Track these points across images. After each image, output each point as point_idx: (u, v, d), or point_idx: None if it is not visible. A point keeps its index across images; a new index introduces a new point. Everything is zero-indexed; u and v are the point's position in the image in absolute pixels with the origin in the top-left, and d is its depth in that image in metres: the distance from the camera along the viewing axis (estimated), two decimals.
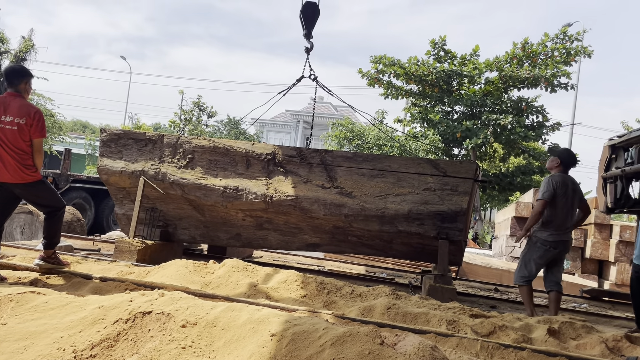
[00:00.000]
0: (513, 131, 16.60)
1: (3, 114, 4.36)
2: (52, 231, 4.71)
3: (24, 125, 4.37)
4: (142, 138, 6.78)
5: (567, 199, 5.14)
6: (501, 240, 12.59)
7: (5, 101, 4.41)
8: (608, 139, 7.31)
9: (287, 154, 6.31)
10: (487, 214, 32.63)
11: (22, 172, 4.41)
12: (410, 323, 3.83)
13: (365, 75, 18.15)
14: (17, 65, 4.83)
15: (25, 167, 4.43)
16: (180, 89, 28.72)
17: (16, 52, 22.39)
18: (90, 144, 35.08)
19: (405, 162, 6.09)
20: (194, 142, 6.58)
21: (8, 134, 4.35)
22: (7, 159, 4.36)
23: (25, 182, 4.46)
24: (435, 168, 5.91)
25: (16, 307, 3.23)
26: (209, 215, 6.70)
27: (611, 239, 9.88)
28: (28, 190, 4.54)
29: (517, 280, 5.30)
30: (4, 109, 4.37)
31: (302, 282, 4.92)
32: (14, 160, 4.37)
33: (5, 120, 4.35)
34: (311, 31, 6.47)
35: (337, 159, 6.19)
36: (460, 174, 5.86)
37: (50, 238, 4.70)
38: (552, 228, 5.12)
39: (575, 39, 16.83)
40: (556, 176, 5.20)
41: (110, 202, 11.95)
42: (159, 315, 3.09)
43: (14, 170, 4.38)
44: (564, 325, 3.96)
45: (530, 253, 5.22)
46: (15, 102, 4.42)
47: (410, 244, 6.19)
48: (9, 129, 4.35)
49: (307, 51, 6.66)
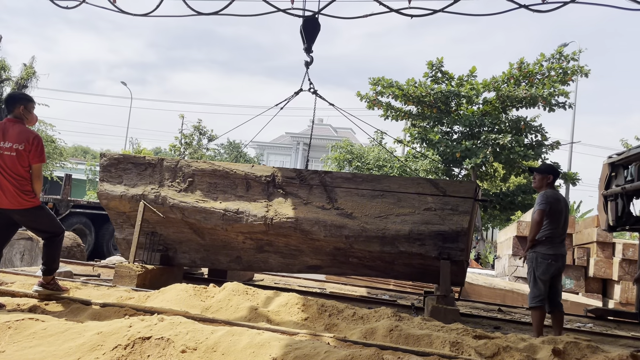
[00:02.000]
0: (512, 150, 16.65)
1: (2, 140, 4.38)
2: (50, 257, 4.68)
3: (22, 151, 4.39)
4: (142, 162, 6.80)
5: (561, 214, 5.22)
6: (504, 260, 12.52)
7: (5, 127, 4.44)
8: (607, 156, 7.34)
9: (286, 175, 6.32)
10: (489, 234, 32.52)
11: (21, 198, 4.41)
12: (413, 345, 3.78)
13: (364, 97, 18.29)
14: (15, 92, 4.89)
15: (24, 192, 4.43)
16: (181, 114, 28.92)
17: (18, 79, 22.60)
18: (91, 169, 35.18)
19: (405, 182, 6.09)
20: (193, 166, 6.59)
21: (7, 160, 4.37)
22: (5, 185, 4.37)
23: (24, 207, 4.45)
24: (435, 187, 5.91)
25: (14, 334, 3.20)
26: (209, 238, 6.68)
27: (614, 257, 9.82)
28: (26, 216, 4.54)
29: (531, 302, 5.19)
30: (3, 135, 4.39)
31: (303, 304, 4.88)
32: (13, 187, 4.37)
33: (4, 146, 4.37)
34: (311, 45, 6.53)
35: (336, 179, 6.20)
36: (460, 193, 5.86)
37: (49, 264, 4.67)
38: (550, 242, 5.15)
39: (572, 59, 16.99)
40: (549, 192, 5.28)
41: (110, 227, 11.92)
42: (159, 340, 3.06)
43: (12, 196, 4.38)
44: (568, 346, 3.91)
45: (534, 271, 5.18)
46: (14, 128, 4.44)
47: (411, 264, 6.15)
48: (7, 155, 4.37)
49: (306, 65, 6.70)
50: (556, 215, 5.16)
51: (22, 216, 4.52)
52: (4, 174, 4.36)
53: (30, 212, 4.51)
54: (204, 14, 5.52)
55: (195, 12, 5.48)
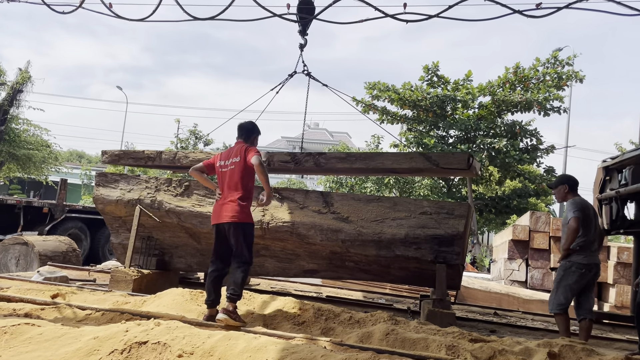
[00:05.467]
0: (508, 154, 16.69)
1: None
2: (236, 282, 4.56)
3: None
4: (141, 156, 6.89)
5: (592, 221, 5.09)
6: (499, 264, 12.54)
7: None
8: (602, 160, 7.37)
9: (281, 159, 6.29)
10: (484, 238, 32.58)
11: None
12: (409, 349, 3.79)
13: (360, 102, 18.33)
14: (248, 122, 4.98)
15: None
16: (177, 118, 28.90)
17: (13, 83, 22.55)
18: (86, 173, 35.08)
19: (398, 157, 5.99)
20: (190, 157, 6.63)
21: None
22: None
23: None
24: (427, 161, 5.77)
25: (10, 339, 3.19)
26: (205, 243, 6.67)
27: (609, 260, 9.85)
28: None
29: (554, 308, 5.08)
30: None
31: (299, 309, 4.88)
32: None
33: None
34: (306, 29, 6.52)
35: (330, 160, 6.15)
36: (453, 165, 5.71)
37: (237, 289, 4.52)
38: (585, 251, 5.01)
39: (566, 64, 17.08)
40: (577, 199, 5.12)
41: (105, 232, 11.89)
42: (155, 345, 3.06)
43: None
44: (564, 349, 3.93)
45: (566, 279, 5.03)
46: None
47: (407, 268, 6.16)
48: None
49: (300, 47, 6.70)
50: (587, 222, 5.01)
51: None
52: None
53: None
54: (200, 19, 5.54)
55: (192, 17, 5.50)
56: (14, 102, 22.88)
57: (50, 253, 9.02)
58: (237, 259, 4.55)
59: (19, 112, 23.56)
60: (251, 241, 4.63)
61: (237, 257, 4.56)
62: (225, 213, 4.56)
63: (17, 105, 23.09)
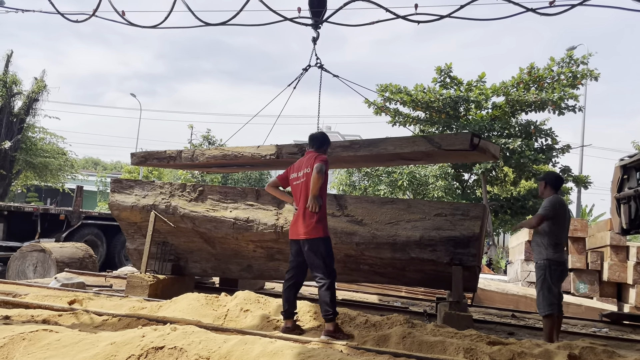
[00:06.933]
0: (522, 155, 16.53)
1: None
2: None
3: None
4: (164, 156, 7.00)
5: (566, 220, 5.24)
6: (516, 265, 12.40)
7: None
8: (619, 159, 7.26)
9: (289, 151, 6.30)
10: (500, 239, 32.28)
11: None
12: (427, 352, 3.75)
13: (372, 104, 18.29)
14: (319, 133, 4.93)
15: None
16: (190, 124, 29.09)
17: (29, 93, 22.89)
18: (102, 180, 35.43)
19: (400, 141, 5.89)
20: (207, 153, 6.76)
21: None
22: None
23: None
24: (430, 143, 5.67)
25: (29, 345, 3.22)
26: (220, 247, 6.69)
27: (628, 260, 9.69)
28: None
29: (546, 310, 5.04)
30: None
31: (315, 312, 4.86)
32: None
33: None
34: (318, 21, 6.51)
35: (336, 149, 6.10)
36: (456, 146, 5.57)
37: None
38: (560, 248, 5.14)
39: (581, 62, 16.89)
40: (553, 198, 5.23)
41: (121, 238, 11.99)
42: (172, 350, 3.06)
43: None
44: (584, 351, 3.86)
45: (549, 278, 5.06)
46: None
47: (423, 270, 6.11)
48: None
49: (313, 41, 6.70)
50: (559, 221, 5.13)
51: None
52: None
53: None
54: (212, 24, 5.57)
55: (204, 22, 5.53)
56: (30, 111, 23.24)
57: (67, 260, 9.12)
58: (317, 276, 4.43)
59: (35, 121, 23.96)
60: (328, 255, 4.48)
61: (316, 274, 4.43)
62: (300, 229, 4.47)
63: (33, 114, 23.47)
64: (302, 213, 4.48)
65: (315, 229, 4.42)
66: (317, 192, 4.37)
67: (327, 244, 4.51)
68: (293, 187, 4.68)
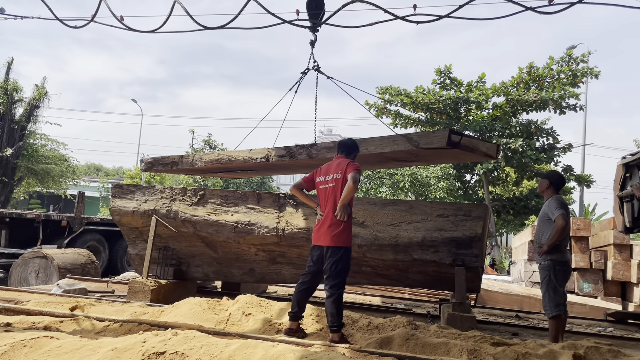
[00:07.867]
0: (524, 154, 16.50)
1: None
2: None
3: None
4: (167, 162, 7.05)
5: (569, 219, 5.19)
6: (519, 266, 12.37)
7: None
8: (621, 157, 7.23)
9: (278, 154, 6.29)
10: (503, 239, 32.22)
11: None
12: (430, 354, 3.73)
13: (372, 106, 18.28)
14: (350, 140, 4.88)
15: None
16: (191, 128, 29.15)
17: (30, 100, 22.95)
18: (104, 186, 35.49)
19: (381, 141, 5.81)
20: (204, 158, 6.80)
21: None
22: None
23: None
24: (409, 142, 5.57)
25: (29, 352, 3.20)
26: (222, 251, 6.67)
27: (632, 259, 9.66)
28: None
29: (553, 311, 4.96)
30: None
31: (317, 315, 4.84)
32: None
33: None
34: (317, 23, 6.49)
35: (321, 151, 6.07)
36: (434, 144, 5.45)
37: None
38: (564, 248, 5.09)
39: (581, 61, 16.86)
40: (559, 197, 5.16)
41: (123, 243, 11.98)
42: (173, 355, 3.04)
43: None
44: (589, 350, 3.83)
45: (554, 278, 4.99)
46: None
47: (426, 272, 6.09)
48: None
49: (311, 44, 6.69)
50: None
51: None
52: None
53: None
54: (210, 28, 5.56)
55: (202, 26, 5.53)
56: (31, 117, 23.29)
57: (69, 266, 9.11)
58: (328, 284, 4.34)
59: (36, 128, 24.00)
60: (346, 267, 4.40)
61: (329, 282, 4.34)
62: (324, 235, 4.39)
63: (35, 121, 23.51)
64: (328, 219, 4.39)
65: (341, 238, 4.35)
66: (347, 201, 4.33)
67: (348, 255, 4.45)
68: (319, 190, 4.58)
